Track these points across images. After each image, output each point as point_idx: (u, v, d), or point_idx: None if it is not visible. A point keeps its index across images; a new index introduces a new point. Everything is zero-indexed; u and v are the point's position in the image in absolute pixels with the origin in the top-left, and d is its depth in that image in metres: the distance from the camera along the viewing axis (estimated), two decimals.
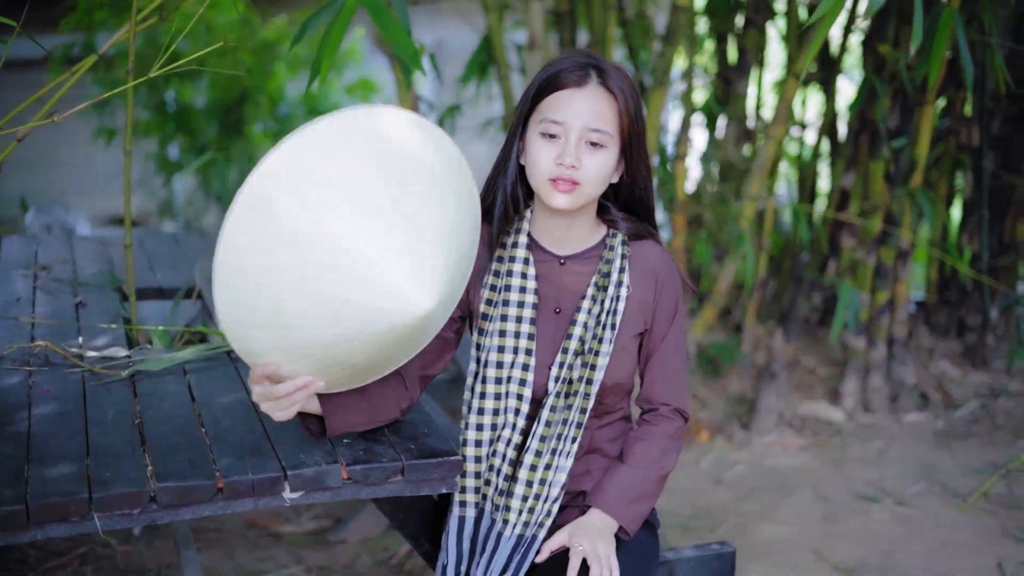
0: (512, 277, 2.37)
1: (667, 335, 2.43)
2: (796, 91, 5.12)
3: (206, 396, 2.45)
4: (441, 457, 2.21)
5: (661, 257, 2.43)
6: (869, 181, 5.41)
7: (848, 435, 5.20)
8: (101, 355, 2.66)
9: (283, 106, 9.52)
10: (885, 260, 5.45)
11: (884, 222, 5.39)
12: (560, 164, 2.24)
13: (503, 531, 2.34)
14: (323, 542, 4.02)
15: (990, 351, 5.88)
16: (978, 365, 5.88)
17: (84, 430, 2.23)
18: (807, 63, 3.18)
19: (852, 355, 5.48)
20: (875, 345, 5.49)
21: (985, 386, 5.69)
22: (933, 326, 6.11)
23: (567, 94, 2.27)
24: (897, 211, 5.33)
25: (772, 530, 4.19)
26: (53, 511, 1.93)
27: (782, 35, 5.84)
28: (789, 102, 5.09)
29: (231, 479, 2.04)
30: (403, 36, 2.74)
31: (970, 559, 3.97)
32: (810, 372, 5.71)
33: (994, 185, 5.80)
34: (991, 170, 5.70)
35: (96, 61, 2.95)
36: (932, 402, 5.53)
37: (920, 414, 5.42)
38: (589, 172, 2.26)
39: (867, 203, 5.45)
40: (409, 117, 1.97)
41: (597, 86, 2.27)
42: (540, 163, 2.27)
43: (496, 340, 2.37)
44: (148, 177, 9.52)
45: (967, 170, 5.93)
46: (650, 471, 2.41)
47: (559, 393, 2.35)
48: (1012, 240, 5.90)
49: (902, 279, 5.49)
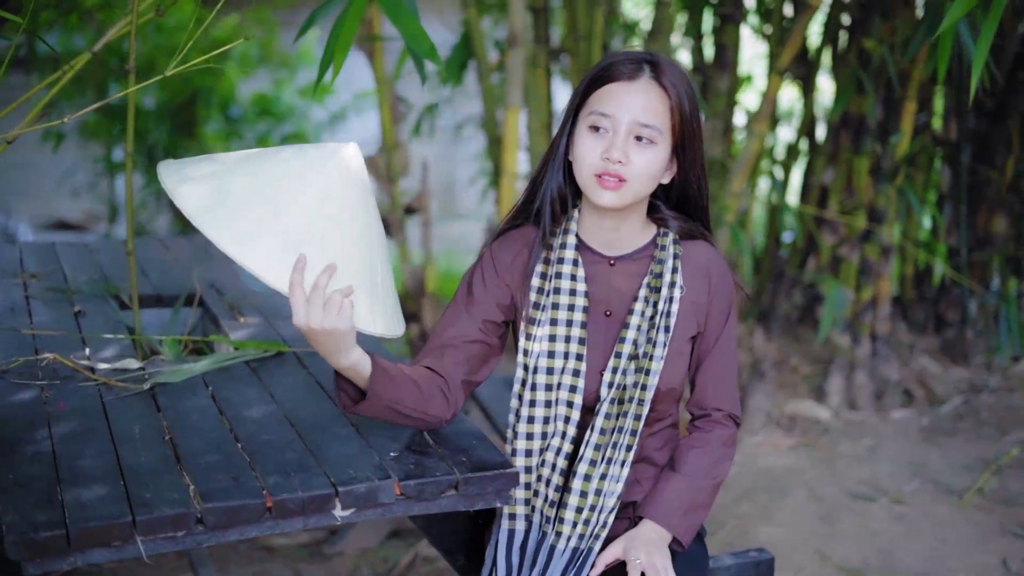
0: (561, 279, 2.27)
1: (720, 338, 2.34)
2: (779, 88, 5.08)
3: (234, 408, 2.33)
4: (497, 470, 2.10)
5: (714, 257, 2.34)
6: (853, 177, 5.38)
7: (836, 433, 5.16)
8: (114, 367, 2.53)
9: (235, 108, 9.36)
10: (869, 256, 5.41)
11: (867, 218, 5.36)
12: (607, 159, 2.15)
13: (556, 544, 2.24)
14: (319, 555, 3.89)
15: (970, 346, 5.87)
16: (958, 361, 5.86)
17: (112, 448, 2.10)
18: (789, 59, 3.10)
19: (837, 352, 5.45)
20: (859, 342, 5.45)
21: (966, 382, 5.68)
22: (911, 322, 6.09)
23: (617, 87, 2.17)
24: (882, 207, 5.30)
25: (772, 532, 4.13)
26: (95, 536, 1.80)
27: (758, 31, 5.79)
28: (773, 99, 5.05)
29: (280, 497, 1.92)
30: (418, 30, 2.64)
31: (972, 557, 3.94)
32: (794, 370, 5.66)
33: (970, 180, 5.79)
34: (968, 165, 5.69)
35: (41, 62, 2.82)
36: (916, 399, 5.51)
37: (905, 411, 5.39)
38: (637, 168, 2.16)
39: (851, 200, 5.42)
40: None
41: (649, 80, 2.18)
42: (586, 157, 2.18)
43: (546, 345, 2.27)
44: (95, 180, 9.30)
45: (943, 165, 5.92)
46: (704, 480, 2.32)
47: (613, 400, 2.25)
48: (988, 234, 5.89)
49: (885, 275, 5.46)
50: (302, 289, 1.88)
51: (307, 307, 1.89)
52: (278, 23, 8.99)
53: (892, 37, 5.11)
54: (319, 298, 1.89)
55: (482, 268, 2.34)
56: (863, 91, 5.21)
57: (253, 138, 9.34)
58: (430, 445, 2.19)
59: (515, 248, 2.34)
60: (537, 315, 2.28)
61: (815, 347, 5.81)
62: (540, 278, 2.29)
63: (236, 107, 9.35)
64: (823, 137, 5.90)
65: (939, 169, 5.99)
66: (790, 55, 4.92)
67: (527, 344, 2.28)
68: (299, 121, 9.64)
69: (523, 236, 2.34)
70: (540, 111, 5.11)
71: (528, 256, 2.31)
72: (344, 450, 2.13)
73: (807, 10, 4.81)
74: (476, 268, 2.34)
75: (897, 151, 5.21)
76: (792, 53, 4.92)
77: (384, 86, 4.64)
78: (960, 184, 5.76)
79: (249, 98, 9.46)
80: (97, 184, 9.33)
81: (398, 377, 2.09)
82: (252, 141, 9.30)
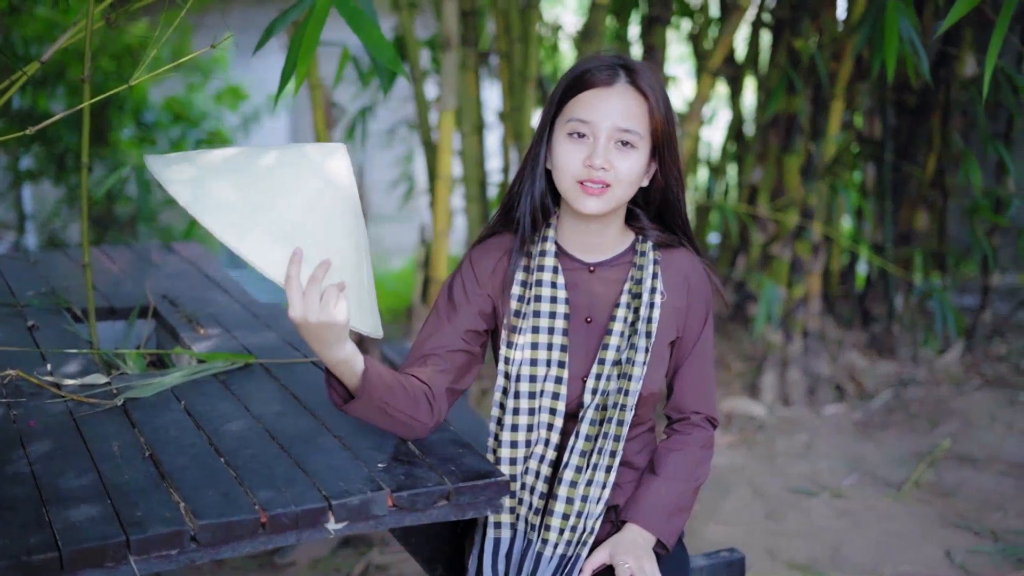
0: (541, 287, 2.27)
1: (698, 343, 2.36)
2: (710, 88, 5.12)
3: (210, 422, 2.29)
4: (488, 478, 2.08)
5: (692, 263, 2.35)
6: (784, 175, 5.44)
7: (772, 429, 5.21)
8: (80, 383, 2.47)
9: (148, 113, 9.21)
10: (800, 254, 5.48)
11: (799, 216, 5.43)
12: (589, 166, 2.15)
13: (543, 551, 2.24)
14: (269, 565, 3.85)
15: (896, 341, 5.97)
16: (885, 355, 5.96)
17: (93, 466, 2.05)
18: (720, 59, 3.14)
19: (770, 349, 5.51)
20: (792, 339, 5.52)
21: (895, 375, 5.78)
22: (838, 317, 6.18)
23: (595, 93, 2.18)
24: (813, 204, 5.37)
25: (719, 530, 4.17)
26: (88, 557, 1.76)
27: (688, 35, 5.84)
28: (704, 98, 5.09)
29: (274, 513, 1.90)
30: (379, 37, 2.62)
31: (917, 550, 4.00)
32: (727, 368, 5.72)
33: (893, 177, 5.89)
34: (891, 162, 5.79)
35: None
36: (847, 393, 5.59)
37: (838, 406, 5.47)
38: (620, 173, 2.17)
39: (782, 198, 5.48)
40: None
41: (626, 85, 2.19)
42: (568, 165, 2.18)
43: (528, 353, 2.26)
44: (3, 190, 9.11)
45: (867, 162, 6.02)
46: (685, 483, 2.34)
47: (596, 406, 2.26)
48: (911, 230, 5.99)
49: (815, 272, 5.53)
50: (299, 282, 1.86)
51: (304, 300, 1.87)
52: (191, 27, 8.87)
53: (820, 37, 5.18)
54: (315, 291, 1.86)
55: (463, 277, 2.33)
56: (794, 91, 5.27)
57: (167, 143, 9.20)
58: (417, 455, 2.17)
59: (495, 256, 2.33)
60: (518, 323, 2.27)
61: (747, 344, 5.87)
62: (520, 286, 2.29)
63: (149, 112, 9.20)
64: (752, 136, 5.96)
65: (862, 167, 6.09)
66: (721, 56, 4.97)
67: (508, 352, 2.28)
68: (214, 124, 9.52)
69: (502, 244, 2.34)
70: (471, 114, 5.10)
71: (508, 264, 2.30)
72: (332, 462, 2.11)
73: (736, 11, 4.86)
74: (456, 277, 2.33)
75: (826, 149, 5.28)
76: (723, 53, 4.97)
77: (318, 91, 4.60)
78: (884, 181, 5.86)
79: (161, 102, 9.32)
80: (6, 194, 9.14)
81: (388, 378, 2.07)
82: (166, 146, 9.17)
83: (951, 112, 5.63)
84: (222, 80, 9.69)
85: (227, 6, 8.29)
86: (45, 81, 8.23)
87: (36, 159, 8.94)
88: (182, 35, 8.88)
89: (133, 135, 9.16)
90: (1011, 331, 6.35)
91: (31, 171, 8.91)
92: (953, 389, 5.62)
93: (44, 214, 9.33)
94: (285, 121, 11.12)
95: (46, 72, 7.85)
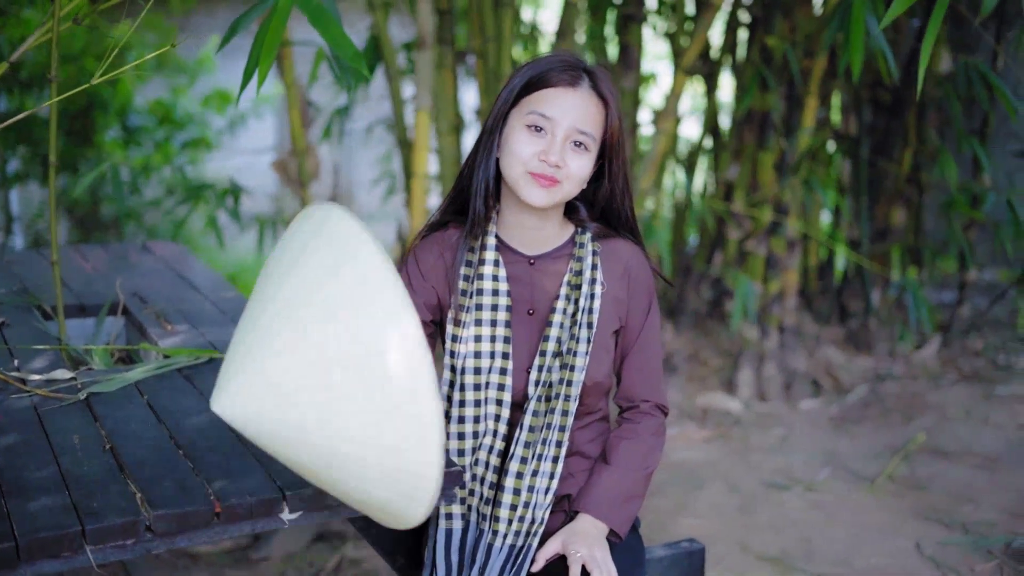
0: (483, 280, 2.32)
1: (642, 331, 2.41)
2: (684, 85, 5.16)
3: (171, 416, 2.33)
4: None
5: (632, 252, 2.40)
6: (758, 172, 5.48)
7: (748, 424, 5.25)
8: (46, 378, 2.50)
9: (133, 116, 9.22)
10: (776, 250, 5.52)
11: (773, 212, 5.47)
12: (543, 160, 2.20)
13: (493, 542, 2.28)
14: (244, 560, 3.88)
15: (873, 336, 6.01)
16: (862, 350, 6.00)
17: (54, 459, 2.09)
18: (693, 56, 3.18)
19: (746, 345, 5.55)
20: (768, 334, 5.56)
21: (871, 370, 5.81)
22: (815, 313, 6.21)
23: (559, 92, 2.24)
24: (788, 201, 5.41)
25: (692, 524, 4.20)
26: (45, 547, 1.80)
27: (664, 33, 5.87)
28: (678, 96, 5.13)
29: (228, 503, 1.94)
30: (343, 37, 2.64)
31: (888, 542, 4.04)
32: (704, 364, 5.76)
33: (869, 173, 5.93)
34: (867, 158, 5.83)
35: None
36: (823, 388, 5.62)
37: (814, 401, 5.51)
38: (571, 172, 2.24)
39: (757, 194, 5.52)
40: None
41: (589, 89, 2.26)
42: (522, 154, 2.22)
43: (472, 346, 2.31)
44: None
45: (843, 158, 6.06)
46: (637, 471, 2.38)
47: (540, 397, 2.31)
48: (887, 226, 6.03)
49: (791, 268, 5.57)
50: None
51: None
52: (175, 28, 8.89)
53: (793, 34, 5.22)
54: None
55: (407, 270, 2.38)
56: (767, 88, 5.31)
57: (152, 145, 9.22)
58: None
59: (437, 250, 2.38)
60: (462, 316, 2.32)
61: (724, 340, 5.90)
62: (463, 280, 2.33)
63: (134, 114, 9.22)
64: (727, 133, 6.00)
65: (839, 163, 6.12)
66: (695, 53, 5.01)
67: (453, 345, 2.33)
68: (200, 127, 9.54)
69: (444, 238, 2.39)
70: (448, 113, 5.13)
71: (451, 258, 2.35)
72: None
73: (710, 8, 4.89)
74: (402, 271, 2.38)
75: (800, 146, 5.32)
76: (697, 51, 5.01)
77: (294, 90, 4.64)
78: (860, 177, 5.90)
79: (146, 105, 9.33)
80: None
81: None
82: (151, 148, 9.19)
83: (926, 109, 5.67)
84: (209, 83, 9.71)
85: (212, 7, 8.33)
86: (32, 83, 8.26)
87: (22, 161, 8.96)
88: (165, 38, 8.90)
89: (119, 137, 9.18)
90: (988, 326, 6.38)
91: (18, 173, 8.93)
92: (929, 384, 5.66)
93: (30, 215, 9.36)
94: (271, 123, 11.14)
95: (32, 74, 7.87)
